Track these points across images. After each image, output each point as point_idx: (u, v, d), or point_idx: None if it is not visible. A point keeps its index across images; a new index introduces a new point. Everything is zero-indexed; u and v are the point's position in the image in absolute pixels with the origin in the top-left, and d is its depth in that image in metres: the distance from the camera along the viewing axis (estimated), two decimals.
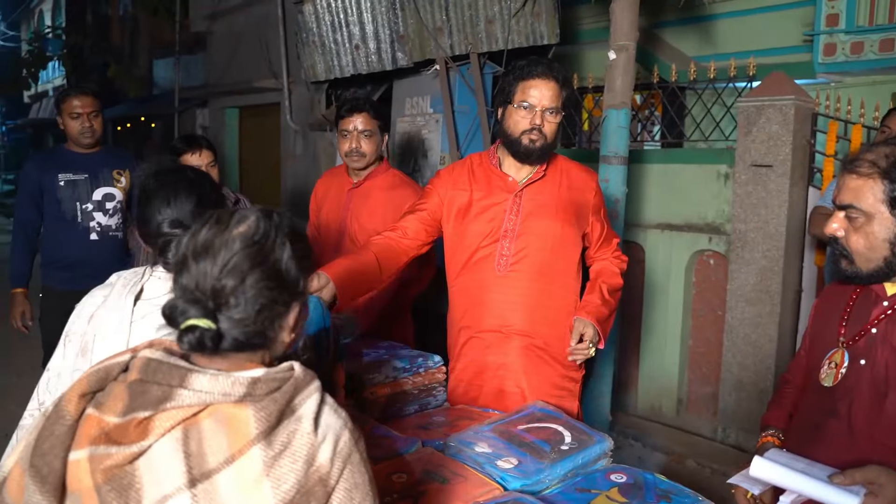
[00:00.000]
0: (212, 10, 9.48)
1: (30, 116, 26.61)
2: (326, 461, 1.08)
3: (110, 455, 1.02)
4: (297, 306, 1.18)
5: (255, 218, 1.15)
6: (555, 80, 2.43)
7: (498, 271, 2.49)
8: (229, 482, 1.03)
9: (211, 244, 1.12)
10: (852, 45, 4.91)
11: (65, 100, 3.59)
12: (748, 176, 4.38)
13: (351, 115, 3.17)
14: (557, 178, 2.56)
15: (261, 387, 1.07)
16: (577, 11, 6.23)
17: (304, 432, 1.08)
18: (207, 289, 1.10)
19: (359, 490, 1.11)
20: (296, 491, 1.05)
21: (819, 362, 1.80)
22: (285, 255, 1.14)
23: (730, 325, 4.51)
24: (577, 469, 1.82)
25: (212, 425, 1.05)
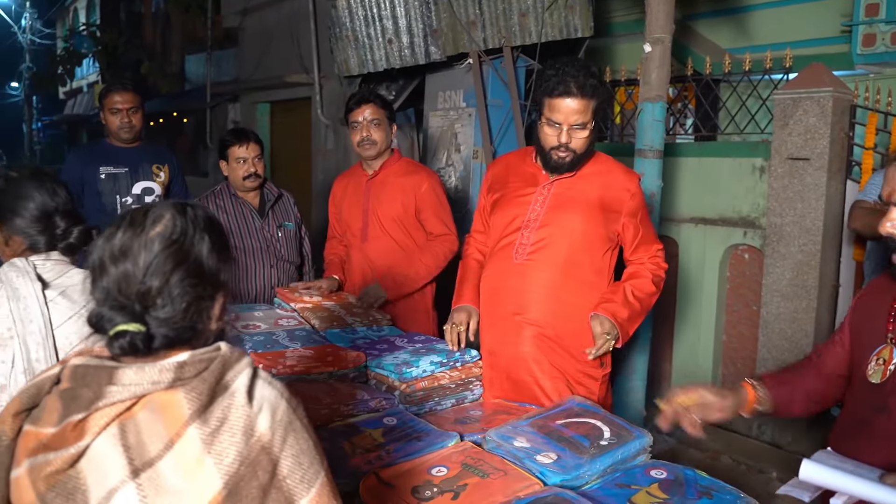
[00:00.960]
0: (243, 6, 9.54)
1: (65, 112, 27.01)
2: (267, 430, 1.09)
3: (49, 462, 1.03)
4: (221, 296, 1.19)
5: (171, 216, 1.15)
6: (580, 96, 2.36)
7: (515, 259, 2.50)
8: (172, 466, 1.04)
9: (129, 247, 1.11)
10: (892, 35, 4.81)
11: (106, 95, 3.67)
12: (784, 169, 4.32)
13: (359, 106, 3.28)
14: (593, 175, 2.53)
15: (188, 369, 1.08)
16: (609, 3, 6.19)
17: (238, 405, 1.09)
18: (132, 293, 1.10)
19: (306, 455, 1.13)
20: (239, 463, 1.06)
21: (864, 358, 1.78)
22: (205, 250, 1.15)
23: (765, 320, 4.46)
24: (617, 464, 1.81)
25: (147, 415, 1.06)
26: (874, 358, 1.75)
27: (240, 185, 3.44)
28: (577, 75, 2.36)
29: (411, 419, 2.05)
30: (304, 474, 1.11)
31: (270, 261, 3.45)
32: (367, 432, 1.94)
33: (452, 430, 1.98)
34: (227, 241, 1.22)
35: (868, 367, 1.75)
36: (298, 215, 3.65)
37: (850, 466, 1.55)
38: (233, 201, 3.46)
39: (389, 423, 2.01)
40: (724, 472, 4.05)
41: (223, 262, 1.19)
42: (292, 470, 1.10)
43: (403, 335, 2.80)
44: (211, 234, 1.17)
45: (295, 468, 1.11)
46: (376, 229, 3.33)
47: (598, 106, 2.43)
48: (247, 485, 1.06)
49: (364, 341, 2.64)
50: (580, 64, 2.41)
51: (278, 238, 3.49)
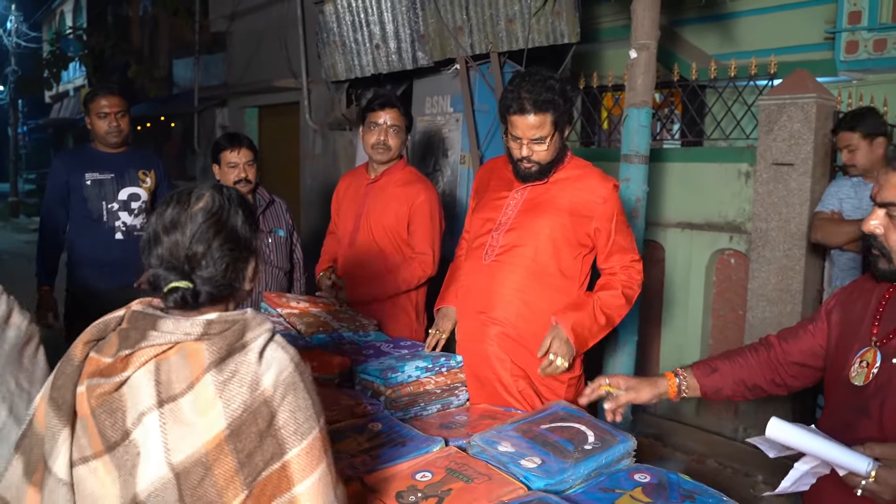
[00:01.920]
0: (231, 11, 9.53)
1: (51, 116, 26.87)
2: (270, 386, 1.28)
3: (101, 385, 1.28)
4: (253, 259, 1.44)
5: (210, 194, 1.39)
6: (535, 112, 2.38)
7: (484, 260, 2.56)
8: (190, 403, 1.26)
9: (178, 220, 1.35)
10: (875, 42, 4.86)
11: (93, 99, 3.63)
12: (769, 174, 4.36)
13: (383, 108, 3.22)
14: (567, 180, 2.55)
15: (215, 327, 1.30)
16: (596, 9, 6.21)
17: (249, 362, 1.29)
18: (181, 256, 1.34)
19: (302, 412, 1.30)
20: (243, 409, 1.25)
21: (845, 359, 1.80)
22: (239, 221, 1.40)
23: (750, 324, 4.49)
24: (601, 469, 1.82)
25: (178, 359, 1.28)
26: (857, 360, 1.76)
27: None
28: (532, 91, 2.38)
29: (396, 424, 2.05)
30: (297, 427, 1.29)
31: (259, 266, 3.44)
32: (351, 437, 1.94)
33: (437, 435, 1.99)
34: (255, 215, 1.46)
35: (851, 370, 1.77)
36: (290, 221, 3.64)
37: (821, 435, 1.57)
38: None
39: (374, 429, 2.01)
40: (710, 476, 4.07)
41: (253, 232, 1.43)
42: (287, 422, 1.28)
43: (389, 340, 2.81)
44: (243, 208, 1.42)
45: (290, 421, 1.28)
46: (366, 235, 3.31)
47: (559, 117, 2.43)
48: (247, 428, 1.25)
49: (350, 346, 2.65)
50: (538, 77, 2.41)
51: (268, 244, 3.48)
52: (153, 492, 1.25)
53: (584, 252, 2.55)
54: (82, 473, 1.29)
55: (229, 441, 1.24)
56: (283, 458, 1.27)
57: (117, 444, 1.27)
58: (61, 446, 1.29)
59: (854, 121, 3.70)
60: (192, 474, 1.24)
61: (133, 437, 1.26)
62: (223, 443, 1.24)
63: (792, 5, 5.56)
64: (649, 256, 4.94)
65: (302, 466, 1.28)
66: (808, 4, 5.49)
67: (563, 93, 2.42)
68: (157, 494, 1.25)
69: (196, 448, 1.24)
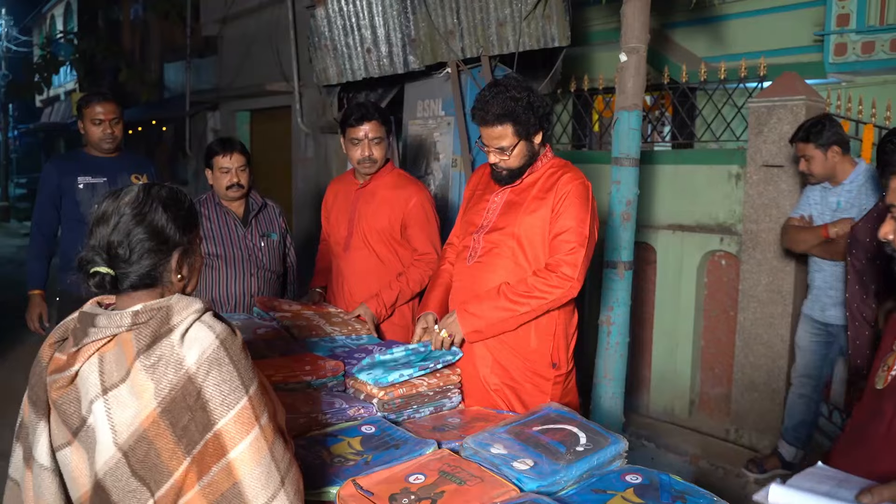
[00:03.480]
0: (222, 14, 9.52)
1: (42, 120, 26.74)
2: (193, 364, 1.41)
3: (57, 380, 1.46)
4: (177, 253, 1.53)
5: (137, 191, 1.52)
6: (494, 123, 2.47)
7: (468, 262, 2.65)
8: (128, 389, 1.41)
9: (107, 211, 1.50)
10: (863, 44, 4.90)
11: (88, 105, 3.62)
12: (759, 176, 4.38)
13: (361, 123, 3.21)
14: (541, 179, 2.60)
15: (142, 316, 1.44)
16: (587, 12, 6.24)
17: (172, 345, 1.42)
18: (104, 245, 1.48)
19: (227, 384, 1.42)
20: (170, 388, 1.39)
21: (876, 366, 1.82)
22: (158, 216, 1.50)
23: (742, 325, 4.52)
24: (593, 470, 1.83)
25: (116, 350, 1.44)
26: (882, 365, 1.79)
27: (223, 195, 3.44)
28: (492, 103, 2.46)
29: (389, 427, 2.06)
30: (223, 399, 1.41)
31: (251, 269, 3.44)
32: (345, 440, 1.95)
33: (430, 438, 2.00)
34: (186, 212, 1.56)
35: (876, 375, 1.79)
36: (283, 225, 3.65)
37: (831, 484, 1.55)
38: (217, 210, 3.45)
39: (367, 432, 2.02)
40: (702, 477, 4.09)
41: (179, 229, 1.53)
42: (213, 395, 1.40)
43: (382, 344, 2.82)
44: (167, 206, 1.52)
45: (215, 394, 1.41)
46: (359, 240, 3.32)
47: (522, 128, 2.48)
48: (177, 405, 1.39)
49: (343, 350, 2.65)
50: (502, 88, 2.48)
51: (261, 247, 3.49)
52: (108, 471, 1.42)
53: None
54: (62, 458, 1.48)
55: (163, 417, 1.39)
56: (214, 428, 1.40)
57: (79, 429, 1.45)
58: (40, 436, 1.48)
59: (809, 132, 3.75)
60: (137, 450, 1.40)
61: (88, 422, 1.44)
62: (158, 419, 1.39)
63: (781, 8, 5.61)
64: (641, 258, 4.96)
65: (232, 435, 1.41)
66: (797, 7, 5.53)
67: (527, 104, 2.47)
68: (112, 473, 1.42)
69: (135, 427, 1.40)
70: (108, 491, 1.42)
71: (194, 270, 1.61)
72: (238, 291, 3.41)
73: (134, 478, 1.41)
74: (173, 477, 1.40)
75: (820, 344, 3.92)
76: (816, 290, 3.88)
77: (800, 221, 3.89)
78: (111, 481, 1.42)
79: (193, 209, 1.61)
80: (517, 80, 2.56)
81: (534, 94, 2.51)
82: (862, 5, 4.90)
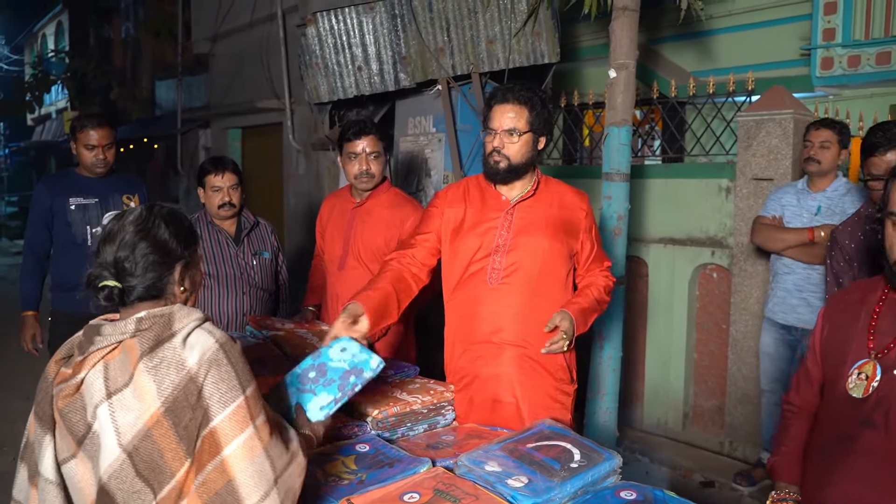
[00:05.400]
0: (213, 32, 9.55)
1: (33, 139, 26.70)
2: (194, 365, 1.49)
3: (63, 389, 1.54)
4: (179, 266, 1.63)
5: (140, 210, 1.64)
6: (514, 102, 2.54)
7: (490, 284, 2.55)
8: (132, 392, 1.48)
9: (112, 230, 1.61)
10: (849, 58, 4.95)
11: (81, 129, 3.60)
12: (749, 189, 4.42)
13: (359, 137, 3.23)
14: (548, 197, 2.63)
15: (145, 322, 1.53)
16: (576, 29, 6.29)
17: (174, 347, 1.50)
18: (111, 260, 1.58)
19: (225, 382, 1.50)
20: (173, 388, 1.47)
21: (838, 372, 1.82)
22: (161, 231, 1.61)
23: (734, 338, 4.53)
24: (587, 486, 1.83)
25: (121, 357, 1.52)
26: (855, 372, 1.79)
27: (215, 214, 3.44)
28: (515, 89, 2.56)
29: (383, 445, 2.05)
30: (221, 397, 1.48)
31: (244, 288, 3.44)
32: (339, 459, 1.94)
33: (424, 456, 1.99)
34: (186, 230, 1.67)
35: (849, 381, 1.79)
36: (276, 243, 3.65)
37: None
38: (209, 228, 3.46)
39: (361, 450, 2.01)
40: (697, 491, 4.09)
41: (181, 243, 1.64)
42: (211, 393, 1.48)
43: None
44: (169, 223, 1.63)
45: (214, 392, 1.48)
46: (354, 260, 3.31)
47: (535, 119, 2.54)
48: (179, 404, 1.47)
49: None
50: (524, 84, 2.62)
51: (253, 266, 3.49)
52: (112, 473, 1.47)
53: (572, 265, 2.65)
54: (68, 471, 1.54)
55: (166, 416, 1.46)
56: (209, 425, 1.48)
57: (84, 436, 1.51)
58: (45, 450, 1.56)
59: (834, 124, 3.83)
60: (141, 450, 1.47)
61: (94, 428, 1.50)
62: (161, 418, 1.47)
63: (768, 22, 5.67)
64: (632, 272, 4.98)
65: (227, 432, 1.48)
66: (784, 22, 5.59)
67: (543, 101, 2.58)
68: (116, 475, 1.47)
69: (139, 427, 1.47)
70: (113, 494, 1.48)
71: (195, 284, 1.71)
72: (230, 310, 3.41)
73: (138, 478, 1.46)
74: (175, 478, 1.47)
75: (784, 347, 3.96)
76: (783, 292, 3.90)
77: (771, 220, 3.93)
78: (116, 484, 1.47)
79: (193, 227, 1.72)
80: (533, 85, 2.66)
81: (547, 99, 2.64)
82: (847, 20, 4.96)
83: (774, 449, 2.11)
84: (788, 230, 3.85)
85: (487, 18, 4.61)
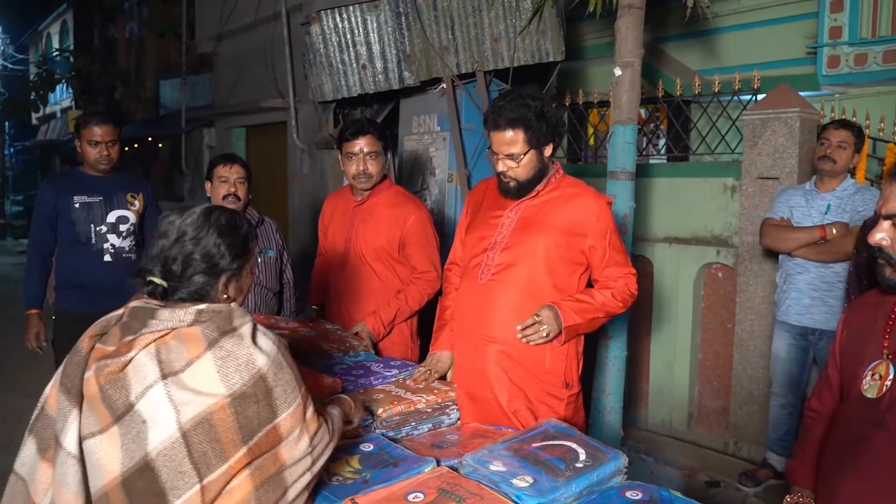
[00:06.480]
0: (217, 32, 9.57)
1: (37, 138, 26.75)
2: (265, 365, 1.56)
3: (108, 365, 1.55)
4: (224, 277, 1.69)
5: (198, 214, 1.69)
6: (507, 127, 2.45)
7: (480, 280, 2.55)
8: (190, 377, 1.52)
9: (168, 229, 1.67)
10: (856, 56, 4.92)
11: (86, 126, 3.61)
12: (755, 188, 4.40)
13: (356, 137, 3.20)
14: (560, 198, 2.56)
15: (204, 315, 1.58)
16: (581, 27, 6.28)
17: (244, 344, 1.56)
18: (161, 259, 1.64)
19: (288, 384, 1.60)
20: (242, 383, 1.53)
21: (855, 374, 1.81)
22: (212, 242, 1.66)
23: (739, 337, 4.52)
24: (593, 486, 1.82)
25: (176, 342, 1.55)
26: (869, 373, 1.78)
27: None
28: (506, 108, 2.45)
29: (388, 445, 2.04)
30: (286, 398, 1.59)
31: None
32: (343, 459, 1.93)
33: (429, 455, 1.98)
34: (241, 239, 1.72)
35: (863, 382, 1.78)
36: (280, 242, 3.64)
37: None
38: None
39: (366, 450, 2.01)
40: (702, 491, 4.07)
41: (231, 255, 1.68)
42: (278, 395, 1.57)
43: (379, 360, 2.81)
44: (223, 233, 1.68)
45: (280, 393, 1.58)
46: (356, 258, 3.30)
47: (534, 136, 2.46)
48: (246, 398, 1.53)
49: (340, 367, 2.64)
50: (516, 95, 2.48)
51: (257, 264, 3.47)
52: (163, 450, 1.50)
53: (579, 270, 2.56)
54: (90, 447, 1.54)
55: (232, 406, 1.52)
56: (273, 421, 1.57)
57: (123, 414, 1.52)
58: (71, 424, 1.56)
59: (853, 126, 3.83)
60: (198, 432, 1.50)
61: (137, 407, 1.52)
62: (226, 407, 1.51)
63: (773, 21, 5.64)
64: (637, 271, 4.94)
65: (288, 427, 1.59)
66: (790, 20, 5.57)
67: (539, 112, 2.46)
68: (166, 453, 1.50)
69: (199, 411, 1.50)
70: (158, 472, 1.50)
71: (242, 291, 1.77)
72: None
73: (188, 459, 1.50)
74: (227, 463, 1.52)
75: (798, 351, 3.93)
76: (796, 292, 3.87)
77: (780, 222, 3.91)
78: (163, 461, 1.50)
79: (249, 235, 1.77)
80: (532, 89, 2.55)
81: (547, 104, 2.51)
82: (854, 18, 4.93)
83: (794, 453, 2.11)
84: (799, 229, 3.82)
85: (492, 17, 4.59)
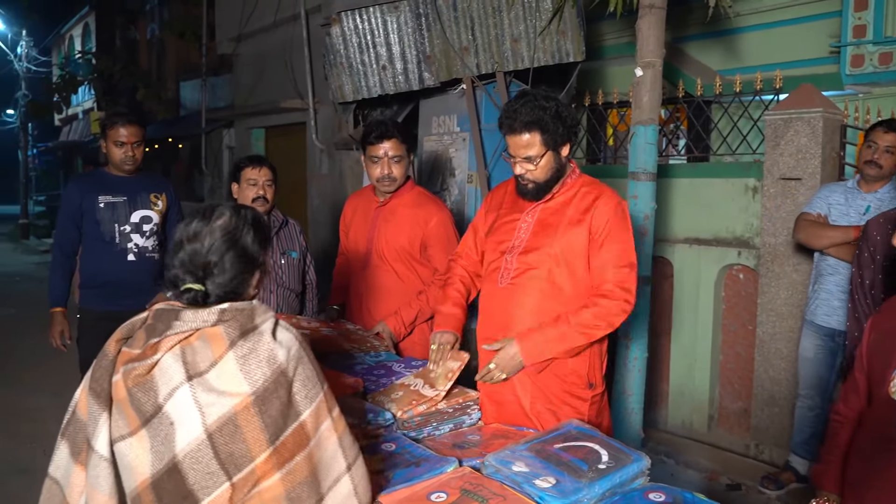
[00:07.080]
0: (237, 33, 9.62)
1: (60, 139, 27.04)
2: (284, 361, 1.55)
3: (135, 368, 1.55)
4: (259, 272, 1.71)
5: (229, 214, 1.67)
6: (522, 130, 2.43)
7: (499, 283, 2.56)
8: (215, 377, 1.52)
9: (199, 232, 1.63)
10: (880, 55, 4.87)
11: (112, 126, 3.64)
12: (777, 189, 4.36)
13: (381, 141, 3.20)
14: (575, 198, 2.55)
15: (227, 314, 1.58)
16: (601, 27, 6.25)
17: (265, 341, 1.56)
18: (198, 263, 1.62)
19: (310, 380, 1.60)
20: (264, 380, 1.52)
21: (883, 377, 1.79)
22: (249, 239, 1.67)
23: (761, 339, 4.48)
24: (615, 488, 1.82)
25: (200, 343, 1.55)
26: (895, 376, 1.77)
27: None
28: (521, 111, 2.43)
29: (409, 444, 2.05)
30: (307, 393, 1.58)
31: (270, 287, 3.45)
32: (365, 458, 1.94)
33: (451, 455, 1.99)
34: (267, 234, 1.74)
35: (891, 385, 1.77)
36: (304, 243, 3.65)
37: None
38: None
39: (388, 449, 2.01)
40: (722, 494, 4.04)
41: (263, 249, 1.71)
42: (299, 390, 1.57)
43: (401, 360, 2.82)
44: (255, 229, 1.69)
45: (301, 388, 1.57)
46: (378, 258, 3.31)
47: (550, 137, 2.44)
48: (270, 395, 1.52)
49: (361, 367, 2.65)
50: (531, 97, 2.46)
51: (281, 265, 3.49)
52: (189, 452, 1.50)
53: None
54: (121, 449, 1.55)
55: (255, 405, 1.51)
56: (299, 419, 1.56)
57: (152, 416, 1.53)
58: (101, 427, 1.57)
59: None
60: (223, 433, 1.50)
61: (165, 409, 1.52)
62: (250, 406, 1.51)
63: (796, 20, 5.59)
64: (658, 273, 4.94)
65: (314, 424, 1.58)
66: (813, 19, 5.51)
67: (555, 114, 2.44)
68: (193, 455, 1.50)
69: (225, 411, 1.50)
70: (185, 474, 1.50)
71: (261, 284, 1.78)
72: None
73: (215, 460, 1.50)
74: (254, 463, 1.51)
75: (826, 353, 3.89)
76: (826, 293, 3.84)
77: (816, 218, 3.87)
78: (191, 463, 1.50)
79: (270, 229, 1.80)
80: (546, 90, 2.53)
81: (562, 104, 2.49)
82: (879, 16, 4.87)
83: (821, 457, 2.10)
84: (834, 227, 3.77)
85: (512, 17, 4.59)
